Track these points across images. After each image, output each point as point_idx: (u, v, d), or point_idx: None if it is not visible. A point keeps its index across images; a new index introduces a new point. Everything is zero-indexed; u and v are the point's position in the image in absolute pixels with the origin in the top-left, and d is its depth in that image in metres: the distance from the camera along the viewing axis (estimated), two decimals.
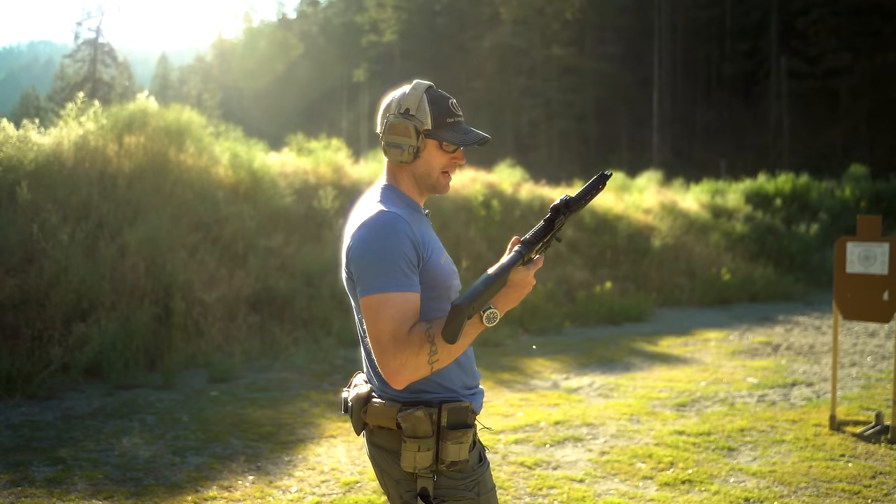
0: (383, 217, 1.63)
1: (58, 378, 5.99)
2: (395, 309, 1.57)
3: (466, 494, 1.68)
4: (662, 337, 9.38)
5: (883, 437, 4.89)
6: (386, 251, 1.59)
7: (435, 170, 1.77)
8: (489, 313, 1.57)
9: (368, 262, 1.60)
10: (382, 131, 1.75)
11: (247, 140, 10.81)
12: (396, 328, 1.57)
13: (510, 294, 1.63)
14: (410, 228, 1.64)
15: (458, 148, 1.77)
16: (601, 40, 44.31)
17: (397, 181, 1.79)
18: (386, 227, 1.62)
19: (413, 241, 1.63)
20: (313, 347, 7.54)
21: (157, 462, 4.41)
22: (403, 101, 1.73)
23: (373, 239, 1.61)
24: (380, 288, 1.58)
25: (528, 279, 1.65)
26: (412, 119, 1.71)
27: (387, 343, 1.57)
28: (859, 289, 5.12)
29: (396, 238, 1.60)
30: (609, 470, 4.37)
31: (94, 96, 18.02)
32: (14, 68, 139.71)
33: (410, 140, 1.71)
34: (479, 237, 11.23)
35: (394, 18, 47.35)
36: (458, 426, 1.65)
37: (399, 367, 1.56)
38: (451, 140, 1.73)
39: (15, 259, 6.71)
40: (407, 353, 1.55)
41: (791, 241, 15.68)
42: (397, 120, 1.72)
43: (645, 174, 18.12)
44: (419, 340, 1.56)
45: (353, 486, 4.09)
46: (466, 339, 1.60)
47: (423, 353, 1.55)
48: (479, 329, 1.60)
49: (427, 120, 1.72)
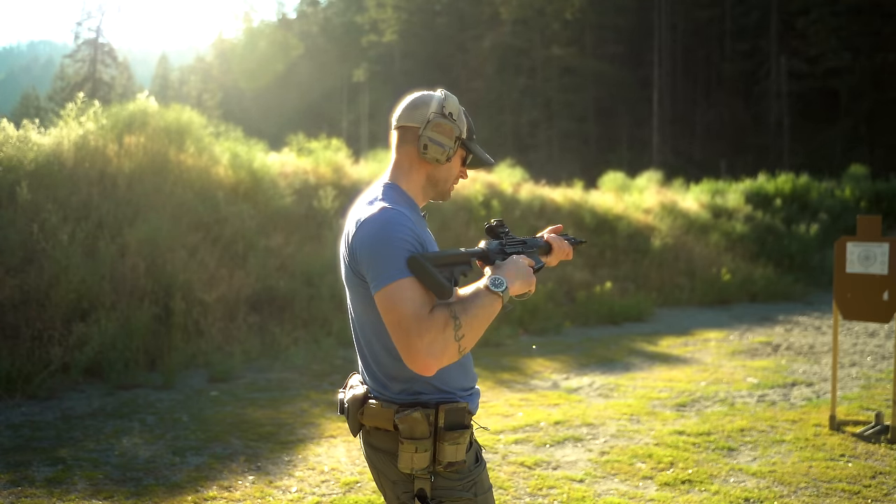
0: (387, 213, 1.63)
1: (58, 378, 5.99)
2: (411, 291, 1.55)
3: (464, 495, 1.67)
4: (662, 337, 9.38)
5: (883, 437, 4.89)
6: (393, 242, 1.58)
7: (452, 177, 1.82)
8: (492, 278, 1.63)
9: (377, 255, 1.59)
10: (423, 126, 1.73)
11: (247, 140, 10.81)
12: (417, 308, 1.54)
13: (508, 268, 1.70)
14: (413, 224, 1.64)
15: (466, 164, 1.86)
16: (601, 40, 44.30)
17: (406, 179, 1.78)
18: (391, 221, 1.61)
19: (418, 233, 1.64)
20: (313, 347, 7.54)
21: (157, 462, 4.41)
22: (446, 103, 1.75)
23: (378, 232, 1.60)
24: (392, 277, 1.56)
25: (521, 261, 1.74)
26: (454, 123, 1.75)
27: (410, 323, 1.52)
28: (859, 289, 5.13)
29: (402, 231, 1.60)
30: (609, 470, 4.37)
31: (94, 96, 18.02)
32: (14, 68, 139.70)
33: (451, 142, 1.74)
34: (479, 237, 11.20)
35: (394, 18, 47.34)
36: (455, 427, 1.65)
37: (428, 347, 1.51)
38: (479, 155, 1.83)
39: (15, 259, 6.71)
40: (433, 332, 1.52)
41: (791, 241, 15.68)
42: (443, 121, 1.73)
43: (645, 174, 18.12)
44: (443, 318, 1.54)
45: (353, 486, 4.09)
46: (484, 311, 1.60)
47: (448, 330, 1.53)
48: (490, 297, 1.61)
49: (463, 129, 1.77)
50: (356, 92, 48.36)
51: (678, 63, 43.49)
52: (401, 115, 1.78)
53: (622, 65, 43.61)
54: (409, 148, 1.77)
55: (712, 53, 43.59)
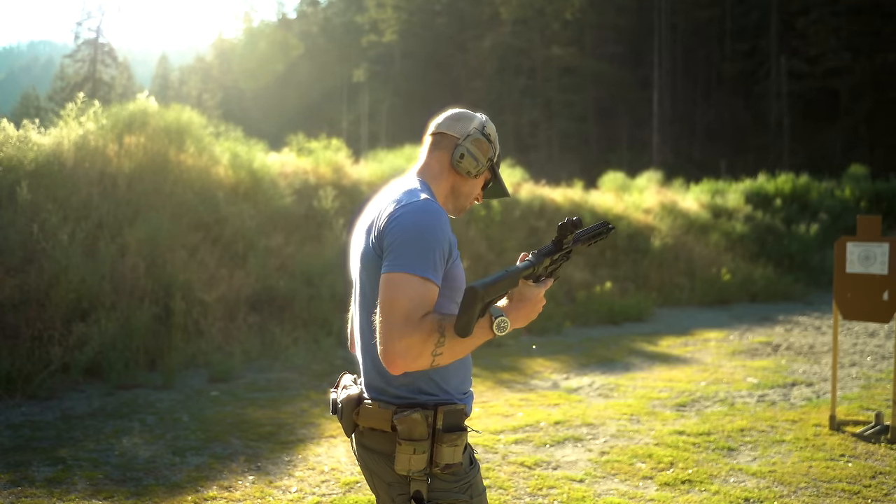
0: (433, 206, 1.64)
1: (58, 378, 5.99)
2: (415, 291, 1.54)
3: (460, 497, 1.66)
4: (662, 337, 9.38)
5: (883, 437, 4.89)
6: (427, 237, 1.59)
7: (473, 195, 1.88)
8: (500, 320, 1.56)
9: (407, 242, 1.58)
10: (463, 138, 1.81)
11: (247, 140, 10.81)
12: (412, 309, 1.53)
13: (521, 308, 1.63)
14: (448, 225, 1.66)
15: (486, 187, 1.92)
16: (601, 40, 44.32)
17: (434, 182, 1.80)
18: (434, 215, 1.62)
19: (451, 237, 1.66)
20: (313, 347, 7.54)
21: (157, 462, 4.41)
22: (487, 125, 1.85)
23: (419, 221, 1.60)
24: (408, 267, 1.55)
25: (539, 296, 1.65)
26: (490, 144, 1.83)
27: (397, 320, 1.52)
28: (859, 289, 5.13)
29: (440, 229, 1.61)
30: (609, 470, 4.37)
31: (94, 96, 18.02)
32: (14, 68, 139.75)
33: (484, 160, 1.82)
34: (480, 237, 11.23)
35: (394, 18, 47.34)
36: (453, 429, 1.64)
37: (403, 350, 1.51)
38: (501, 182, 1.92)
39: (15, 259, 6.71)
40: (415, 338, 1.51)
41: (791, 241, 15.69)
42: (482, 139, 1.82)
43: (645, 174, 18.13)
44: (430, 328, 1.53)
45: (353, 486, 4.09)
46: (473, 342, 1.58)
47: (429, 342, 1.52)
48: (487, 336, 1.58)
49: (495, 154, 1.87)
50: (356, 92, 48.38)
51: (678, 63, 43.50)
52: (442, 122, 1.85)
53: (622, 65, 43.63)
54: (442, 155, 1.82)
55: (712, 53, 43.60)
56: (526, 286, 1.63)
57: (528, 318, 1.64)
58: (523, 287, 1.63)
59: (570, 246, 1.74)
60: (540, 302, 1.65)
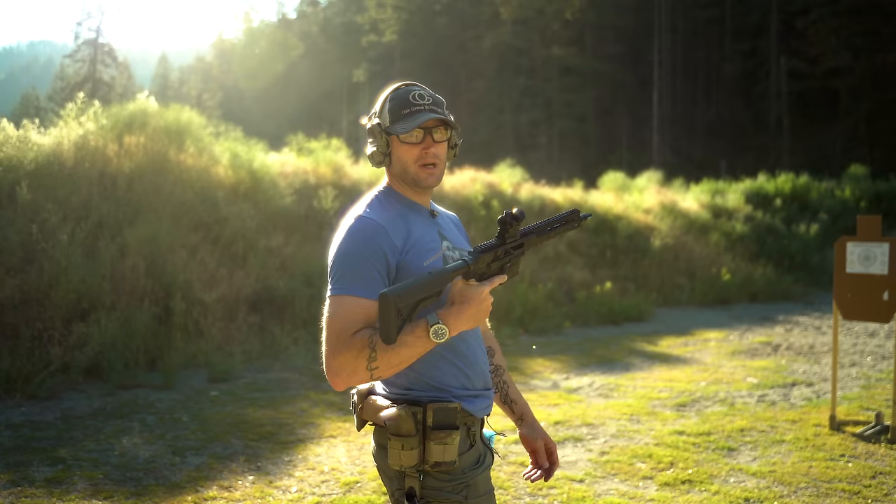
0: (357, 224, 1.65)
1: (58, 378, 5.99)
2: (345, 311, 1.59)
3: (452, 497, 1.64)
4: (662, 337, 9.38)
5: (883, 437, 4.89)
6: (351, 256, 1.61)
7: (408, 165, 1.69)
8: (436, 328, 1.48)
9: (334, 266, 1.64)
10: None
11: (247, 140, 10.81)
12: (342, 329, 1.58)
13: (462, 311, 1.53)
14: (386, 235, 1.62)
15: (426, 136, 1.68)
16: (601, 40, 44.33)
17: (393, 180, 1.78)
18: (356, 233, 1.63)
19: (385, 248, 1.62)
20: (313, 347, 7.53)
21: (157, 462, 4.41)
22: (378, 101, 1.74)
23: (342, 244, 1.64)
24: (335, 290, 1.62)
25: (482, 295, 1.54)
26: (378, 119, 1.72)
27: (331, 339, 1.59)
28: (859, 289, 5.13)
29: (364, 245, 1.61)
30: (609, 470, 4.37)
31: (94, 96, 18.02)
32: (14, 68, 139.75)
33: (379, 142, 1.71)
34: (480, 237, 11.22)
35: (394, 18, 47.35)
36: (443, 427, 1.63)
37: (338, 368, 1.57)
38: (397, 131, 1.66)
39: (15, 259, 6.71)
40: (346, 356, 1.55)
41: (791, 241, 15.69)
42: (369, 124, 1.73)
43: (645, 174, 18.14)
44: (360, 345, 1.55)
45: (353, 486, 4.09)
46: (411, 351, 1.53)
47: (361, 358, 1.54)
48: (426, 344, 1.52)
49: (386, 119, 1.69)
50: (356, 92, 48.38)
51: (678, 63, 43.50)
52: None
53: (622, 65, 43.60)
54: None
55: (712, 53, 43.60)
56: (468, 286, 1.55)
57: (474, 318, 1.55)
58: (465, 287, 1.55)
59: (517, 240, 1.63)
60: (485, 301, 1.55)
